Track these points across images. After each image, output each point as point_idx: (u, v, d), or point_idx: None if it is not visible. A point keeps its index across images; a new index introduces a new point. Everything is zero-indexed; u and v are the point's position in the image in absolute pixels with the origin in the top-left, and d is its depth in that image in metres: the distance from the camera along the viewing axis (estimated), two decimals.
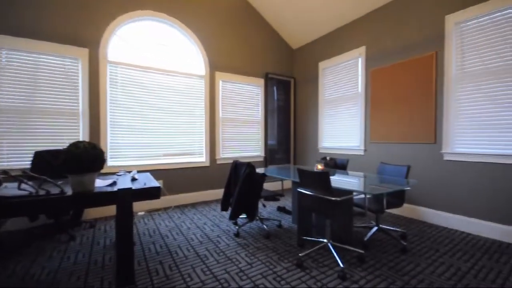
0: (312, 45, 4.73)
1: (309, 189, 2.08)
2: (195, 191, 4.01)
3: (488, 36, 2.56)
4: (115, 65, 3.34)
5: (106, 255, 2.18)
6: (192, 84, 3.96)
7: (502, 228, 2.46)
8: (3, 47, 2.71)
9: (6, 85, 2.74)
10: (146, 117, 3.59)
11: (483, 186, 2.60)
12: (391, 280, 1.80)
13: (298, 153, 5.16)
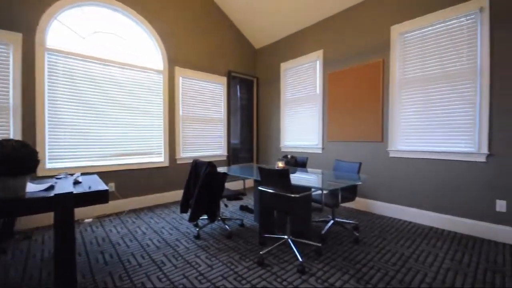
0: (275, 45, 4.83)
1: (270, 187, 2.10)
2: (153, 193, 3.76)
3: (425, 46, 2.90)
4: (56, 54, 2.95)
5: (43, 270, 1.90)
6: (149, 79, 3.71)
7: (437, 216, 2.82)
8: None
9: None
10: (94, 113, 3.24)
11: (421, 179, 2.94)
12: (345, 270, 1.92)
13: (261, 151, 5.22)
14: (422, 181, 2.93)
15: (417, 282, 1.76)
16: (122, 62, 3.44)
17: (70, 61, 3.05)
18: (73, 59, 3.07)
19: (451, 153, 2.69)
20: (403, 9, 3.05)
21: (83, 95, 3.16)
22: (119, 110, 3.44)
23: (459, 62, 2.64)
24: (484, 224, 2.49)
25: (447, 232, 2.67)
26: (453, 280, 1.77)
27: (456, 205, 2.68)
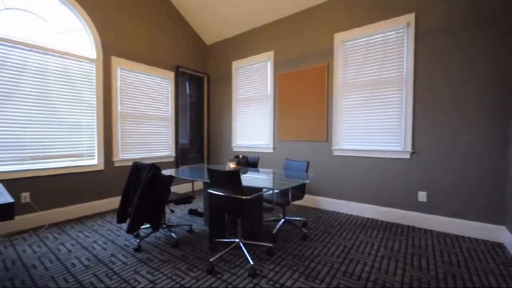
0: (226, 43, 4.71)
1: (220, 189, 1.99)
2: (84, 202, 3.24)
3: (362, 54, 3.18)
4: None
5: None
6: (79, 68, 3.18)
7: (373, 208, 3.12)
8: None
9: None
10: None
11: (360, 175, 3.22)
12: (295, 268, 1.94)
13: (212, 152, 5.03)
14: (360, 176, 3.21)
15: (359, 271, 1.89)
16: (41, 45, 2.85)
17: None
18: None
19: (383, 151, 3.02)
20: (344, 19, 3.29)
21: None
22: (36, 104, 2.84)
23: (390, 70, 2.98)
24: (410, 213, 2.86)
25: (381, 222, 2.98)
26: (387, 266, 1.96)
27: (387, 197, 3.02)
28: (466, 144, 2.55)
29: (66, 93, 3.07)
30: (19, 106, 2.72)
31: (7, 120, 2.65)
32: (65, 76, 3.06)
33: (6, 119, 2.64)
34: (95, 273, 1.88)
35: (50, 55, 2.93)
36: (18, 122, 2.72)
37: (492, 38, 2.41)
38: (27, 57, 2.77)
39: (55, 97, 2.98)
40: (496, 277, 1.80)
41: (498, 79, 2.39)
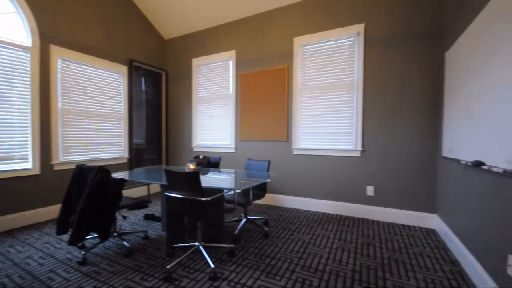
0: (186, 39, 4.52)
1: (179, 191, 1.90)
2: (15, 213, 2.79)
3: (319, 59, 3.35)
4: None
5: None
6: (8, 57, 2.71)
7: (328, 203, 3.32)
8: None
9: None
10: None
11: (317, 173, 3.40)
12: (257, 266, 1.95)
13: (171, 152, 4.79)
14: (318, 174, 3.39)
15: (316, 264, 1.98)
16: None
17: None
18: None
19: (338, 150, 3.23)
20: (302, 24, 3.44)
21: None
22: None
23: (344, 75, 3.20)
24: (360, 206, 3.12)
25: (335, 215, 3.19)
26: (341, 257, 2.10)
27: (340, 192, 3.24)
28: (406, 143, 2.88)
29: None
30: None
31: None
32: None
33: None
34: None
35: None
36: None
37: (426, 49, 2.76)
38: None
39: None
40: (431, 260, 2.06)
41: (430, 86, 2.75)
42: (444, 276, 1.80)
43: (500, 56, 1.43)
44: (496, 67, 1.47)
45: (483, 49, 1.65)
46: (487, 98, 1.58)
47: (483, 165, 1.58)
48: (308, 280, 1.77)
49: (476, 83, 1.76)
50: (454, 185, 2.19)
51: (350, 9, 3.13)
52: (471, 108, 1.82)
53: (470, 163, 1.73)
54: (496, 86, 1.47)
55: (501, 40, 1.42)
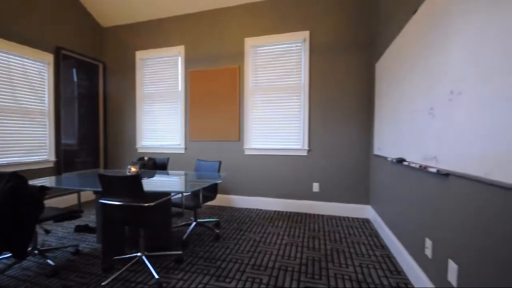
0: (128, 29, 4.11)
1: (116, 198, 1.70)
2: None
3: (270, 60, 3.44)
4: None
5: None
6: None
7: (278, 201, 3.44)
8: None
9: None
10: None
11: (268, 172, 3.48)
12: (206, 271, 1.89)
13: (110, 154, 4.30)
14: (268, 173, 3.48)
15: (266, 262, 2.02)
16: None
17: None
18: None
19: (287, 149, 3.37)
20: (252, 26, 3.48)
21: None
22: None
23: (292, 77, 3.35)
24: (307, 202, 3.31)
25: (285, 212, 3.32)
26: (289, 252, 2.18)
27: (290, 190, 3.39)
28: (346, 142, 3.18)
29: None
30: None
31: None
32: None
33: None
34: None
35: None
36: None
37: (362, 58, 3.09)
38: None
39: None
40: (365, 247, 2.30)
41: (365, 92, 3.09)
42: (376, 261, 2.04)
43: (416, 71, 1.68)
44: (411, 81, 1.73)
45: (402, 64, 1.92)
46: (405, 106, 1.84)
47: (404, 161, 1.84)
48: (258, 278, 1.79)
49: (396, 93, 2.04)
50: (383, 178, 2.51)
51: (296, 16, 3.30)
52: (394, 113, 2.10)
53: (395, 159, 1.99)
54: (411, 97, 1.72)
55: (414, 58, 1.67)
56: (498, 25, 0.91)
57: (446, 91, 1.28)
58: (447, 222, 1.30)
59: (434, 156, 1.40)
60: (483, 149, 0.99)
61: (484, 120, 0.98)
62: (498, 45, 0.91)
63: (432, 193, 1.48)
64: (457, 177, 1.22)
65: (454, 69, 1.20)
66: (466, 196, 1.14)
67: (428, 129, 1.48)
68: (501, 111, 0.89)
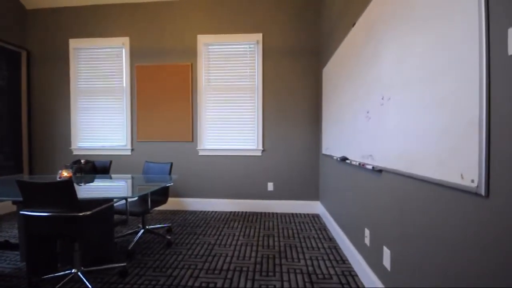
0: (59, 12, 3.58)
1: (42, 208, 1.45)
2: None
3: (223, 60, 3.39)
4: None
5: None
6: None
7: (233, 202, 3.42)
8: None
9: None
10: None
11: (222, 173, 3.44)
12: (155, 282, 1.76)
13: (38, 157, 3.69)
14: (223, 174, 3.44)
15: (220, 265, 1.98)
16: None
17: None
18: None
19: (242, 150, 3.38)
20: (207, 23, 3.39)
21: None
22: None
23: (246, 78, 3.37)
24: (262, 201, 3.38)
25: (241, 213, 3.33)
26: (245, 252, 2.19)
27: (245, 190, 3.41)
28: (297, 142, 3.34)
29: None
30: None
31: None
32: None
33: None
34: None
35: None
36: None
37: (311, 63, 3.29)
38: None
39: None
40: (315, 240, 2.45)
41: (314, 96, 3.30)
42: (325, 252, 2.19)
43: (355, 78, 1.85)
44: (351, 86, 1.90)
45: (343, 71, 2.11)
46: (347, 109, 2.02)
47: (347, 160, 2.02)
48: (212, 282, 1.74)
49: (340, 97, 2.23)
50: (330, 176, 2.71)
51: (250, 17, 3.33)
52: (338, 116, 2.29)
53: (339, 158, 2.17)
54: (352, 101, 1.90)
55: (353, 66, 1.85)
56: (419, 42, 1.06)
57: (379, 97, 1.44)
58: (382, 213, 1.46)
59: (370, 154, 1.56)
60: (405, 147, 1.14)
61: (406, 122, 1.14)
62: (416, 58, 1.06)
63: (369, 187, 1.65)
64: (388, 172, 1.38)
65: (385, 77, 1.36)
66: (395, 189, 1.30)
67: (365, 130, 1.65)
68: (415, 114, 1.05)
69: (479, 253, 0.75)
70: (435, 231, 0.97)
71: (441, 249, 0.93)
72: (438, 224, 0.95)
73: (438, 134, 0.92)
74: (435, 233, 0.97)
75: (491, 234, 0.70)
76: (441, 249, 0.93)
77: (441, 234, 0.93)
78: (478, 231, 0.76)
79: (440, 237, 0.94)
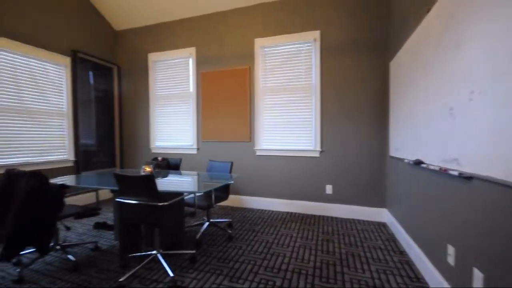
0: (140, 32, 4.21)
1: (132, 196, 1.74)
2: None
3: (279, 61, 3.41)
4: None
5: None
6: None
7: (290, 202, 3.40)
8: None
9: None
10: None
11: (279, 173, 3.46)
12: (220, 271, 1.89)
13: (126, 154, 4.42)
14: (280, 174, 3.46)
15: (279, 264, 2.00)
16: None
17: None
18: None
19: (298, 150, 3.34)
20: (263, 26, 3.47)
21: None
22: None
23: (303, 78, 3.31)
24: (320, 204, 3.26)
25: (298, 214, 3.29)
26: (303, 255, 2.15)
27: (302, 191, 3.36)
28: (360, 143, 3.10)
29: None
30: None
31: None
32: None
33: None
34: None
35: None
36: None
37: (375, 57, 3.01)
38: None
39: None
40: (382, 252, 2.24)
41: (379, 91, 3.01)
42: (394, 266, 1.97)
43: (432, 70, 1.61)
44: (428, 80, 1.66)
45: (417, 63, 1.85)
46: (423, 106, 1.77)
47: (422, 164, 1.77)
48: (272, 280, 1.78)
49: (413, 92, 1.97)
50: (400, 181, 2.43)
51: (306, 16, 3.25)
52: (411, 114, 2.03)
53: (412, 161, 1.92)
54: (429, 97, 1.66)
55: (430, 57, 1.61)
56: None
57: (466, 91, 1.22)
58: (472, 229, 1.24)
59: (455, 158, 1.34)
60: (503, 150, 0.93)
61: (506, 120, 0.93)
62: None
63: (453, 196, 1.41)
64: (480, 180, 1.16)
65: (473, 69, 1.15)
66: (490, 201, 1.08)
67: (448, 130, 1.41)
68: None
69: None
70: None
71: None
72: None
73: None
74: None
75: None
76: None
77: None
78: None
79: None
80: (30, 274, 1.85)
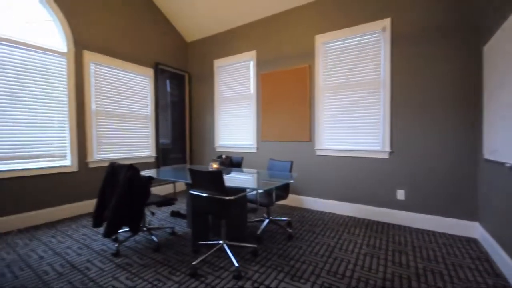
0: (207, 41, 4.61)
1: (203, 190, 1.93)
2: (56, 206, 3.02)
3: (342, 56, 3.23)
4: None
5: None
6: (48, 62, 2.96)
7: (353, 206, 3.19)
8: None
9: None
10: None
11: (341, 174, 3.28)
12: (280, 268, 1.93)
13: (194, 152, 4.92)
14: (342, 176, 3.28)
15: (342, 270, 1.91)
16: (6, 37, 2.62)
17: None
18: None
19: (364, 151, 3.09)
20: (324, 21, 3.34)
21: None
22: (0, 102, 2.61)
23: (369, 73, 3.05)
24: (389, 211, 2.96)
25: (362, 219, 3.06)
26: (370, 264, 2.00)
27: (367, 195, 3.10)
28: (440, 143, 2.68)
29: (33, 89, 2.85)
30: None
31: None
32: (31, 71, 2.84)
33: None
34: (69, 280, 1.75)
35: (17, 48, 2.70)
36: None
37: (459, 42, 2.54)
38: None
39: (21, 93, 2.75)
40: (472, 271, 1.89)
41: (466, 82, 2.53)
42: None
43: None
44: None
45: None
46: None
47: None
48: (335, 285, 1.71)
49: None
50: (499, 188, 1.99)
51: (373, 3, 2.98)
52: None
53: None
54: None
55: None
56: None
57: None
58: None
59: None
60: None
61: None
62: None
63: None
64: None
65: None
66: None
67: None
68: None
69: None
70: None
71: None
72: None
73: None
74: None
75: None
76: None
77: None
78: None
79: None
80: (124, 250, 2.26)
